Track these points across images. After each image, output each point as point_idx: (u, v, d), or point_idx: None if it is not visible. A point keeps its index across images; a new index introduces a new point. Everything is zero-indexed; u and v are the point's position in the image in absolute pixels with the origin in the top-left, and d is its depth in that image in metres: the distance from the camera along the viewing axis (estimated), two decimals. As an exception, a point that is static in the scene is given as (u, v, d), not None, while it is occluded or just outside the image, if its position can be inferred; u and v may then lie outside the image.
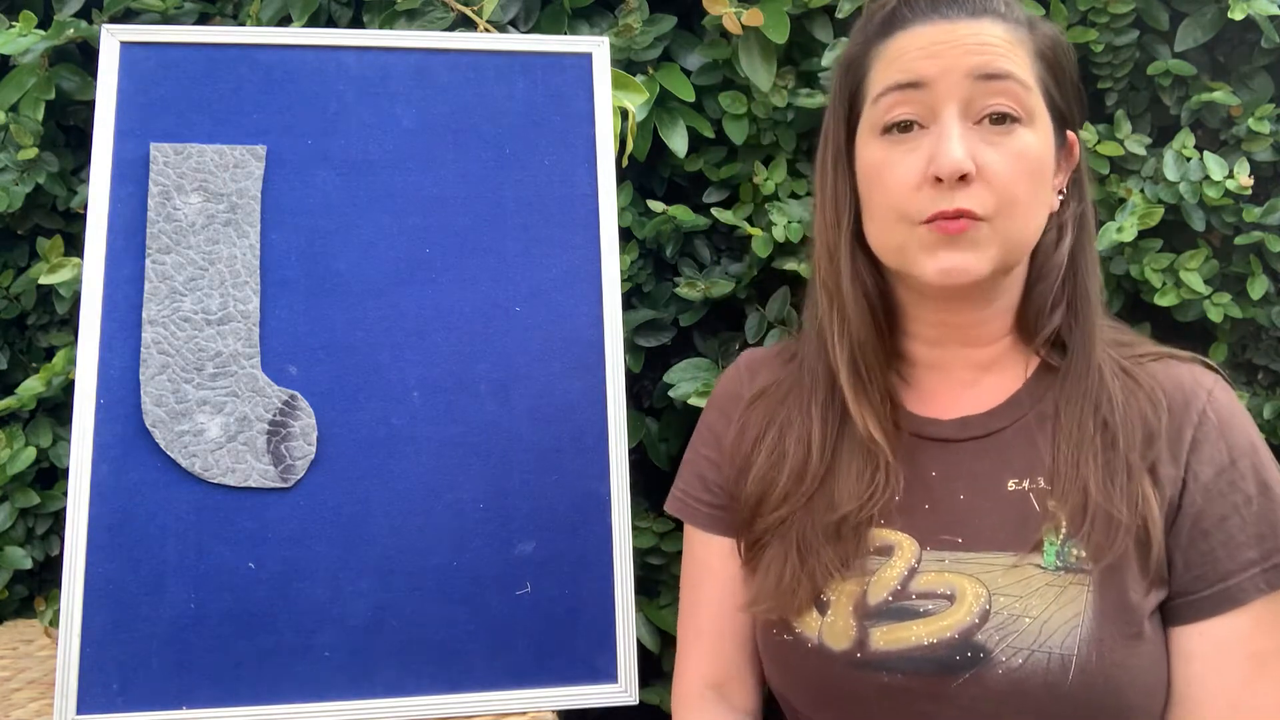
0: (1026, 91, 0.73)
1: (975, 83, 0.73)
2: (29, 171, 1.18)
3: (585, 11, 1.18)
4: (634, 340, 1.16)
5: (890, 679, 0.74)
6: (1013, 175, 0.73)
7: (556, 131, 1.01)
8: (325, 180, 0.97)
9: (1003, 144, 0.73)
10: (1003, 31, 0.74)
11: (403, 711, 0.90)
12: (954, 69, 0.73)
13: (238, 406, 0.93)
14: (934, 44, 0.74)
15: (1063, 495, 0.74)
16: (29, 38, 1.14)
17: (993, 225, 0.73)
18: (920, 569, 0.76)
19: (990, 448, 0.78)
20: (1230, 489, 0.73)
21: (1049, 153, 0.76)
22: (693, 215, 1.15)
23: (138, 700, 0.88)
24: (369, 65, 1.00)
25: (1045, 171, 0.75)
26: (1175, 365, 0.79)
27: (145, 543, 0.90)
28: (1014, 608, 0.72)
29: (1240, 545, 0.72)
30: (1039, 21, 0.78)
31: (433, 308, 0.97)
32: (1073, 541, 0.73)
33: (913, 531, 0.77)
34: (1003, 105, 0.73)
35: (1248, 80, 1.15)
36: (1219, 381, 0.78)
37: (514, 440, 0.96)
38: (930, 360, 0.83)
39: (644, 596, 1.12)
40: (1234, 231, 1.11)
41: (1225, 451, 0.74)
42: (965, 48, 0.73)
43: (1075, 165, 0.81)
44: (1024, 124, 0.73)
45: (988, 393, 0.80)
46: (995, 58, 0.73)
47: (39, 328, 1.25)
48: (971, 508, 0.77)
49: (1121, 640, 0.71)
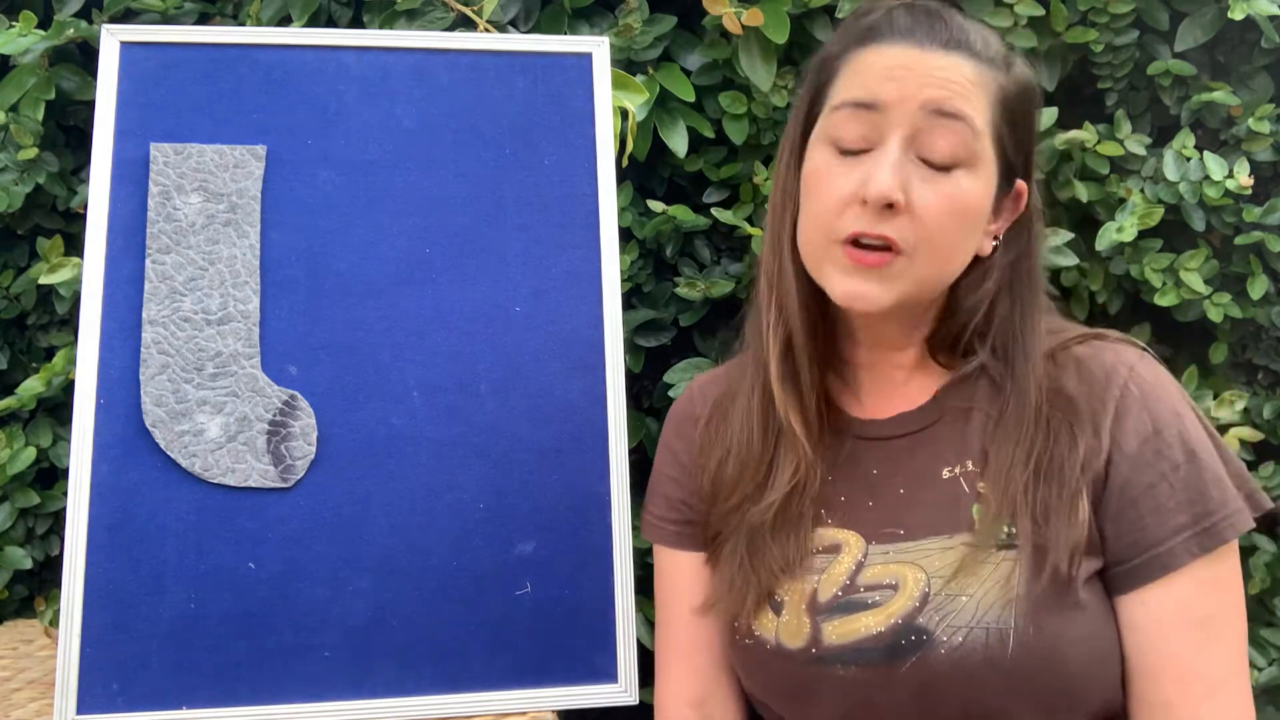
0: (975, 137, 0.74)
1: (927, 116, 0.73)
2: (29, 171, 1.18)
3: (585, 11, 1.18)
4: (634, 340, 1.16)
5: (845, 671, 0.76)
6: (940, 216, 0.74)
7: (556, 131, 1.01)
8: (325, 180, 0.97)
9: (939, 183, 0.74)
10: (971, 71, 0.75)
11: (403, 711, 0.90)
12: (910, 98, 0.73)
13: (238, 406, 0.93)
14: (898, 67, 0.74)
15: (992, 478, 0.75)
16: (29, 38, 1.14)
17: (910, 260, 0.74)
18: (867, 563, 0.78)
19: (924, 441, 0.80)
20: (1156, 457, 0.74)
21: (986, 199, 0.76)
22: (693, 215, 1.15)
23: (138, 700, 0.88)
24: (369, 65, 1.00)
25: (976, 217, 0.76)
26: (1100, 346, 0.79)
27: (145, 543, 0.90)
28: (951, 588, 0.74)
29: (1169, 511, 0.73)
30: (1015, 61, 0.79)
31: (433, 308, 0.97)
32: (1002, 519, 0.74)
33: (858, 528, 0.80)
34: (948, 147, 0.73)
35: (1248, 80, 1.15)
36: (1144, 357, 0.78)
37: (514, 440, 0.96)
38: (865, 360, 0.85)
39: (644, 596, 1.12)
40: (1234, 231, 1.11)
41: (1149, 422, 0.75)
42: (927, 79, 0.74)
43: (1021, 212, 0.80)
44: (965, 168, 0.74)
45: (918, 390, 0.83)
46: (953, 96, 0.73)
47: (39, 328, 1.25)
48: (911, 500, 0.79)
49: (1058, 610, 0.72)
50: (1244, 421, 1.13)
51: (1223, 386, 1.15)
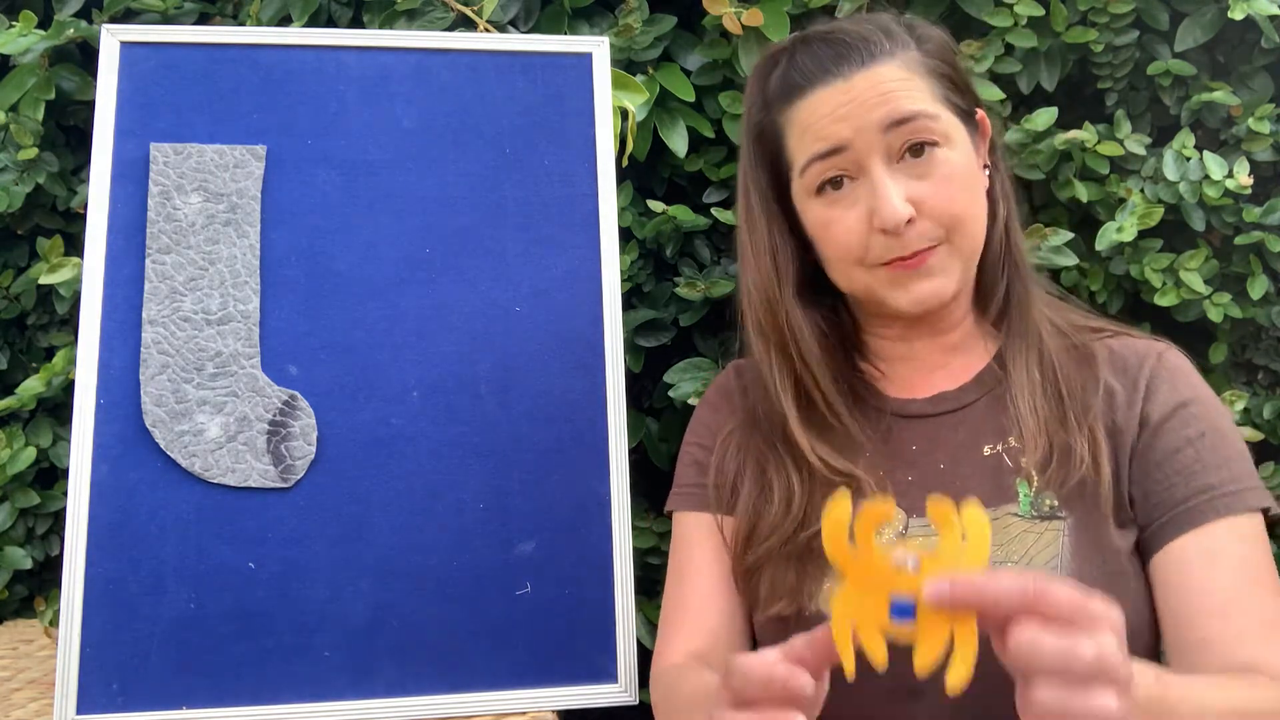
0: (935, 120, 0.77)
1: (888, 132, 0.76)
2: (29, 171, 1.18)
3: (585, 11, 1.18)
4: (634, 340, 1.16)
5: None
6: (949, 198, 0.77)
7: (556, 131, 1.01)
8: (325, 180, 0.97)
9: (929, 172, 0.77)
10: (895, 69, 0.78)
11: (403, 711, 0.90)
12: (866, 127, 0.76)
13: (238, 406, 0.93)
14: (839, 107, 0.77)
15: (1032, 446, 0.78)
16: (29, 38, 1.14)
17: (949, 246, 0.78)
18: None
19: (964, 419, 0.82)
20: (1182, 425, 0.77)
21: (970, 156, 0.80)
22: (693, 215, 1.15)
23: (138, 700, 0.88)
24: (369, 65, 1.00)
25: (974, 176, 0.80)
26: (1131, 339, 0.84)
27: (145, 543, 0.90)
28: (996, 555, 0.75)
29: (1195, 474, 0.75)
30: (919, 26, 0.82)
31: (433, 308, 0.97)
32: (1046, 494, 0.77)
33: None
34: (919, 143, 0.77)
35: (1248, 80, 1.15)
36: (1172, 348, 0.83)
37: (514, 440, 0.96)
38: (899, 354, 0.86)
39: (644, 596, 1.12)
40: (1234, 231, 1.11)
41: (1176, 395, 0.78)
42: (868, 103, 0.77)
43: (988, 136, 0.84)
44: (940, 146, 0.77)
45: (958, 371, 0.85)
46: (898, 102, 0.76)
47: (39, 328, 1.25)
48: (952, 474, 0.80)
49: (1102, 577, 0.73)
50: (1244, 421, 1.13)
51: (1223, 386, 1.14)
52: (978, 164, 0.81)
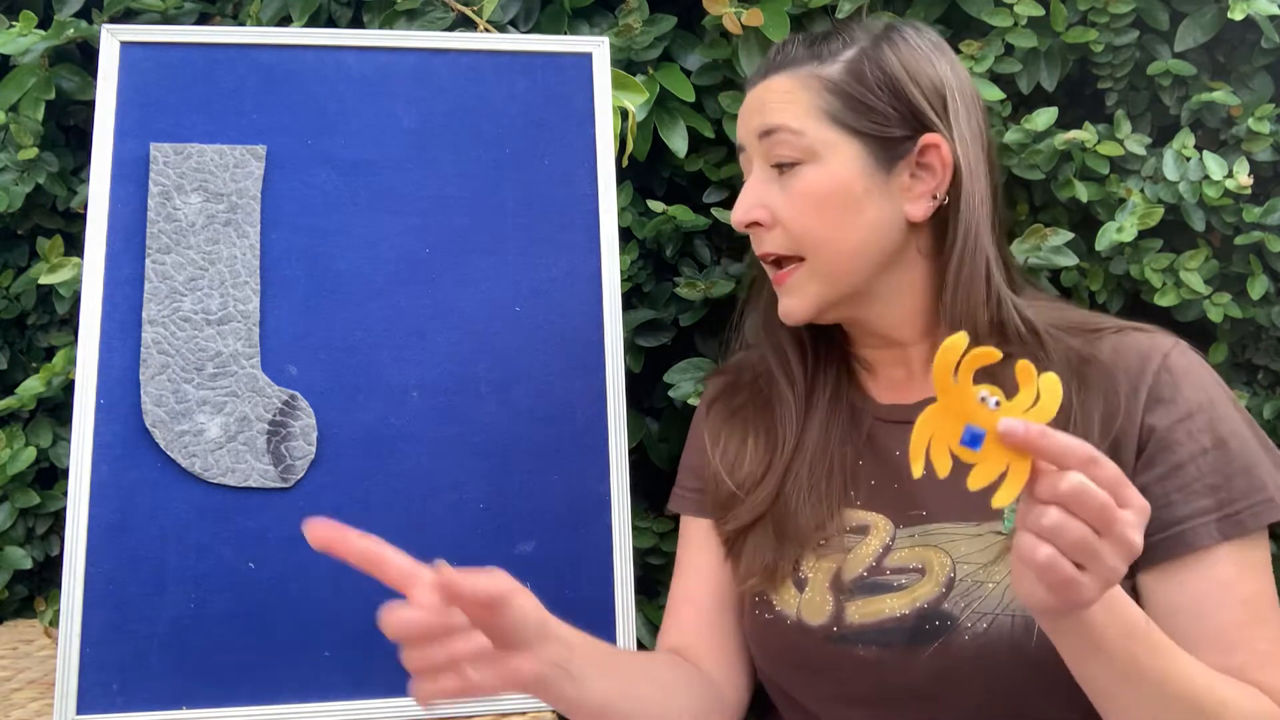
0: (797, 136, 0.79)
1: (761, 140, 0.81)
2: (29, 171, 1.18)
3: (585, 11, 1.18)
4: (634, 340, 1.16)
5: (865, 651, 0.76)
6: (801, 214, 0.79)
7: (556, 131, 1.01)
8: (325, 180, 0.97)
9: (789, 186, 0.80)
10: (785, 83, 0.81)
11: (403, 711, 0.90)
12: (750, 132, 0.82)
13: (238, 406, 0.93)
14: (745, 109, 0.84)
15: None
16: (29, 38, 1.14)
17: (809, 265, 0.80)
18: (895, 546, 0.79)
19: None
20: (1186, 438, 0.75)
21: (849, 178, 0.79)
22: (693, 215, 1.14)
23: (138, 700, 0.88)
24: (369, 65, 1.00)
25: (843, 198, 0.79)
26: (1135, 335, 0.80)
27: (145, 543, 0.90)
28: (978, 575, 0.75)
29: (1194, 493, 0.73)
30: (842, 45, 0.80)
31: (433, 308, 0.97)
32: None
33: (886, 510, 0.81)
34: (779, 156, 0.80)
35: (1248, 80, 1.15)
36: (1178, 344, 0.79)
37: (514, 440, 0.96)
38: (879, 360, 0.87)
39: (644, 596, 1.12)
40: (1234, 231, 1.11)
41: (1180, 405, 0.76)
42: (752, 110, 0.83)
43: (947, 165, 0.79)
44: (807, 163, 0.79)
45: None
46: (768, 115, 0.80)
47: (39, 328, 1.25)
48: (933, 481, 0.79)
49: None
50: (1244, 421, 1.13)
51: (1223, 386, 1.15)
52: (863, 191, 0.78)
